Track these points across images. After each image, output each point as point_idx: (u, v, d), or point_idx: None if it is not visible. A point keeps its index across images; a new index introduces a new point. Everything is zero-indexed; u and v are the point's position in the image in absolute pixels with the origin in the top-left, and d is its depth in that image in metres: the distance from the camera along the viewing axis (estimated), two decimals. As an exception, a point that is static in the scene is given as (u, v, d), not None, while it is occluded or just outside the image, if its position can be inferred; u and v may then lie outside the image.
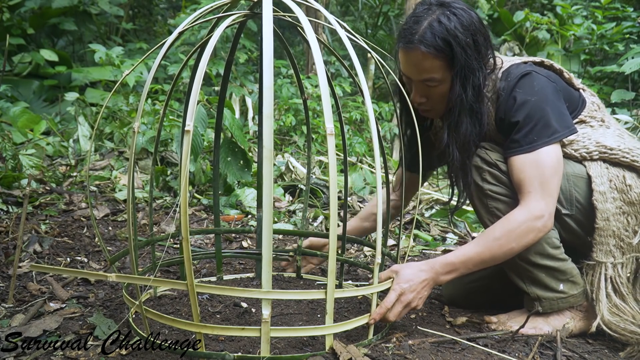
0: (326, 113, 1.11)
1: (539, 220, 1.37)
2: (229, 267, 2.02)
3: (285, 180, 3.58)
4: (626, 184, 1.45)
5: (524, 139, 1.42)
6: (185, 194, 1.07)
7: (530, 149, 1.41)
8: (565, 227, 1.49)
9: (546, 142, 1.41)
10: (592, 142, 1.49)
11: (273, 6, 1.22)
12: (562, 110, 1.46)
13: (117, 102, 4.09)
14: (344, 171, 1.82)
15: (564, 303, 1.46)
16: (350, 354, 1.19)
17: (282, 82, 5.17)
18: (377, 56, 1.43)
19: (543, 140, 1.41)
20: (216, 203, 1.85)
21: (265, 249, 1.07)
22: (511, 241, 1.38)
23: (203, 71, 1.13)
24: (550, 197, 1.39)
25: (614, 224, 1.44)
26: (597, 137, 1.50)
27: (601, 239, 1.45)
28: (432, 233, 2.72)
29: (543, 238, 1.42)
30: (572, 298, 1.46)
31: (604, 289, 1.45)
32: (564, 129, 1.44)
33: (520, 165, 1.42)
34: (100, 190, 3.08)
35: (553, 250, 1.45)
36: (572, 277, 1.46)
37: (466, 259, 1.40)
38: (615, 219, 1.44)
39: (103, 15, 6.84)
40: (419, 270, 1.39)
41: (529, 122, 1.42)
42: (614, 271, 1.45)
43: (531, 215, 1.37)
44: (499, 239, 1.38)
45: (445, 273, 1.40)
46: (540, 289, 1.46)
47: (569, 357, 1.32)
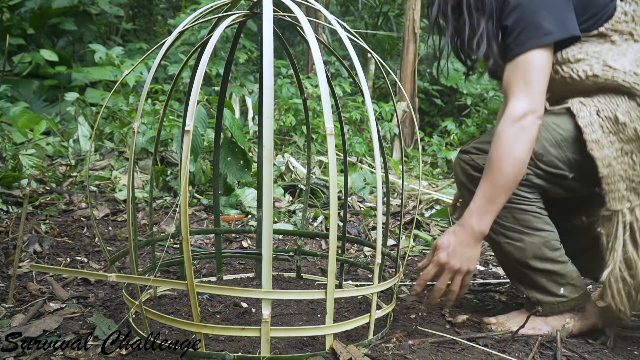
0: (326, 113, 1.11)
1: (524, 119, 1.31)
2: (229, 267, 2.02)
3: (285, 180, 3.58)
4: (619, 123, 1.33)
5: (514, 42, 1.34)
6: (185, 194, 1.07)
7: (519, 52, 1.33)
8: (571, 189, 1.42)
9: (537, 43, 1.32)
10: (600, 64, 1.36)
11: (273, 6, 1.22)
12: (564, 12, 1.34)
13: (117, 102, 4.09)
14: (344, 171, 1.82)
15: (564, 307, 1.43)
16: (350, 354, 1.19)
17: (282, 82, 5.17)
18: (377, 56, 1.43)
19: (532, 41, 1.32)
20: (216, 203, 1.85)
21: (265, 249, 1.07)
22: (509, 154, 1.31)
23: (203, 71, 1.13)
24: (534, 94, 1.31)
25: (619, 167, 1.33)
26: (610, 56, 1.36)
27: (610, 187, 1.34)
28: (432, 233, 2.72)
29: (542, 242, 1.38)
30: (572, 301, 1.42)
31: (621, 237, 1.35)
32: (562, 31, 1.33)
33: (508, 71, 1.35)
34: (100, 190, 3.08)
35: (552, 252, 1.40)
36: (573, 280, 1.42)
37: (483, 195, 1.35)
38: (618, 162, 1.33)
39: (103, 15, 6.84)
40: (452, 233, 1.36)
41: (519, 24, 1.33)
42: (631, 216, 1.35)
43: (513, 118, 1.31)
44: (498, 160, 1.32)
45: (478, 220, 1.35)
46: (541, 294, 1.42)
47: (569, 357, 1.32)
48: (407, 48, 5.96)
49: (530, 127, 1.31)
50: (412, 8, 5.90)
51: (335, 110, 1.68)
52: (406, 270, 2.07)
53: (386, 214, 1.55)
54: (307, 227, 2.68)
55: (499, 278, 1.98)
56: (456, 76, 6.58)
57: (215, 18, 1.51)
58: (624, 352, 1.37)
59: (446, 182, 4.37)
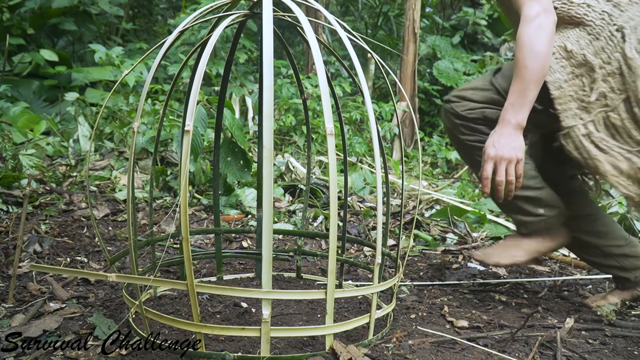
0: (326, 113, 1.11)
1: (538, 17, 1.45)
2: (229, 267, 2.02)
3: (285, 180, 3.58)
4: (567, 51, 1.52)
5: None
6: (185, 194, 1.07)
7: None
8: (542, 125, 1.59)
9: None
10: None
11: (273, 6, 1.22)
12: None
13: (117, 102, 4.09)
14: (344, 171, 1.82)
15: (545, 224, 1.60)
16: (350, 354, 1.19)
17: (282, 82, 5.17)
18: (377, 56, 1.43)
19: None
20: (216, 203, 1.85)
21: (265, 249, 1.07)
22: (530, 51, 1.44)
23: (203, 71, 1.13)
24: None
25: (570, 89, 1.51)
26: None
27: (562, 107, 1.52)
28: (432, 233, 2.72)
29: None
30: (551, 219, 1.60)
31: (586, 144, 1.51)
32: None
33: None
34: (100, 190, 3.08)
35: (530, 181, 1.58)
36: (550, 202, 1.60)
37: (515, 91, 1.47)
38: (569, 84, 1.51)
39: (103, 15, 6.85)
40: (494, 132, 1.51)
41: None
42: (586, 129, 1.51)
43: (529, 19, 1.45)
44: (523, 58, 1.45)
45: (514, 114, 1.47)
46: (524, 215, 1.61)
47: (569, 357, 1.32)
48: (407, 48, 5.97)
49: (546, 23, 1.45)
50: (412, 8, 5.91)
51: (335, 110, 1.68)
52: (406, 270, 2.07)
53: (386, 214, 1.55)
54: (307, 227, 2.68)
55: (499, 278, 1.98)
56: (456, 76, 6.59)
57: (215, 18, 1.51)
58: (624, 352, 1.37)
59: (446, 182, 4.37)
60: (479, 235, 2.67)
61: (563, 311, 1.65)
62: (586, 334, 1.47)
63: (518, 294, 1.81)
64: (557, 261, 2.26)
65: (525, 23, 1.46)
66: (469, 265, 2.13)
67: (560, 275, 2.05)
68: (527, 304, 1.71)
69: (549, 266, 2.19)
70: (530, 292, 1.84)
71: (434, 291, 1.81)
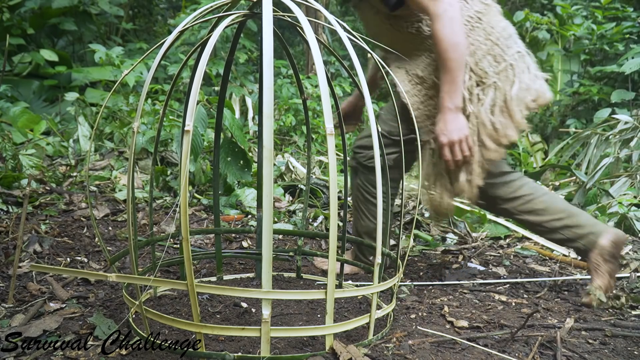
0: (326, 113, 1.11)
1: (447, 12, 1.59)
2: (229, 267, 2.02)
3: (285, 180, 3.58)
4: (419, 77, 1.75)
5: None
6: (185, 194, 1.07)
7: None
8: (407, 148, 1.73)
9: None
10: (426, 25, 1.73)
11: (273, 6, 1.22)
12: None
13: (117, 102, 4.09)
14: (344, 171, 1.82)
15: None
16: (350, 354, 1.19)
17: (282, 82, 5.17)
18: (376, 56, 1.43)
19: None
20: (216, 203, 1.85)
21: (265, 249, 1.07)
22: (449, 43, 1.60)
23: (203, 71, 1.13)
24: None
25: (425, 109, 1.75)
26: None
27: (419, 125, 1.74)
28: (432, 233, 2.72)
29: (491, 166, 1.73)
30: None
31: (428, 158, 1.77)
32: None
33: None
34: (100, 190, 3.08)
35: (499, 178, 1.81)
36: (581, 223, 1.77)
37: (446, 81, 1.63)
38: (425, 106, 1.75)
39: (103, 15, 6.84)
40: (438, 121, 1.68)
41: None
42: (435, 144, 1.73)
43: (438, 16, 1.59)
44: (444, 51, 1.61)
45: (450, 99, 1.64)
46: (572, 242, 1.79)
47: (569, 357, 1.32)
48: (407, 48, 5.95)
49: (455, 15, 1.60)
50: (412, 8, 5.89)
51: (336, 110, 1.68)
52: (406, 270, 2.07)
53: (386, 214, 1.55)
54: (307, 227, 2.68)
55: (499, 278, 1.98)
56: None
57: (215, 18, 1.51)
58: (624, 352, 1.37)
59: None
60: (479, 235, 2.67)
61: (563, 311, 1.65)
62: (586, 334, 1.47)
63: (518, 294, 1.81)
64: (557, 261, 2.26)
65: (437, 20, 1.60)
66: (469, 265, 2.13)
67: (560, 275, 2.05)
68: (527, 304, 1.71)
69: (549, 266, 2.19)
70: (530, 292, 1.84)
71: (434, 291, 1.81)
